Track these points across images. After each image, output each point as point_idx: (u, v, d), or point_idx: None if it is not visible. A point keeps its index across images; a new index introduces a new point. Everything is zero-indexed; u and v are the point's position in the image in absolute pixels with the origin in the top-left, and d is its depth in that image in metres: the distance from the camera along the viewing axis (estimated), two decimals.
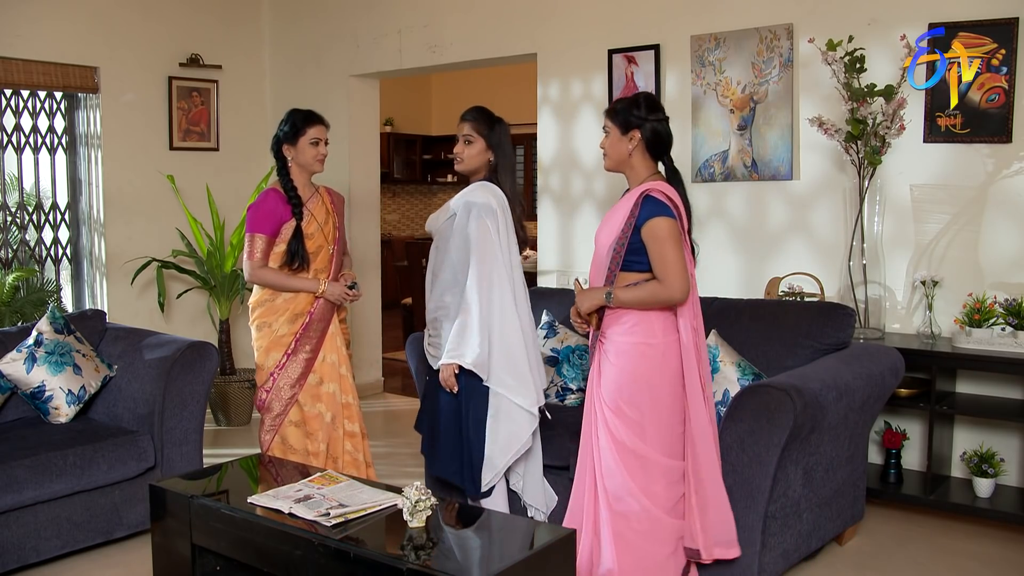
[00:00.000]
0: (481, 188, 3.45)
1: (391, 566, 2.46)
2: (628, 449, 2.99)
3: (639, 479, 2.99)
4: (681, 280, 2.90)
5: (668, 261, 2.90)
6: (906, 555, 3.74)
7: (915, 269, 4.26)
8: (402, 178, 11.78)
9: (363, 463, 3.96)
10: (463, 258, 3.39)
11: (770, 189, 4.67)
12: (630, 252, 2.98)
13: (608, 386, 3.03)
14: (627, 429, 2.99)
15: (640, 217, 2.94)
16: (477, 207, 3.38)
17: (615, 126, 3.07)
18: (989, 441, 4.10)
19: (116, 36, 6.04)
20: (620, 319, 3.01)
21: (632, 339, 2.99)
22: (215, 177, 6.53)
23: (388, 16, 6.20)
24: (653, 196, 2.95)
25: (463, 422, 3.42)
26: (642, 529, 3.00)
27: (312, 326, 3.82)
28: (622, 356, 3.01)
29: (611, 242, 3.00)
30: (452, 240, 3.43)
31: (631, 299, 2.97)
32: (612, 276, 3.01)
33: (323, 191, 3.96)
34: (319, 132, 3.83)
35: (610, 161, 3.11)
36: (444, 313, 3.45)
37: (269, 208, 3.78)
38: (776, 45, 4.56)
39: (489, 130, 3.49)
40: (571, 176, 5.45)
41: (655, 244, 2.92)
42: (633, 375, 2.99)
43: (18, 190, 5.85)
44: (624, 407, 2.99)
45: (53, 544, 3.62)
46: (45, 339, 4.07)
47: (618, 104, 3.10)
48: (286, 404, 3.81)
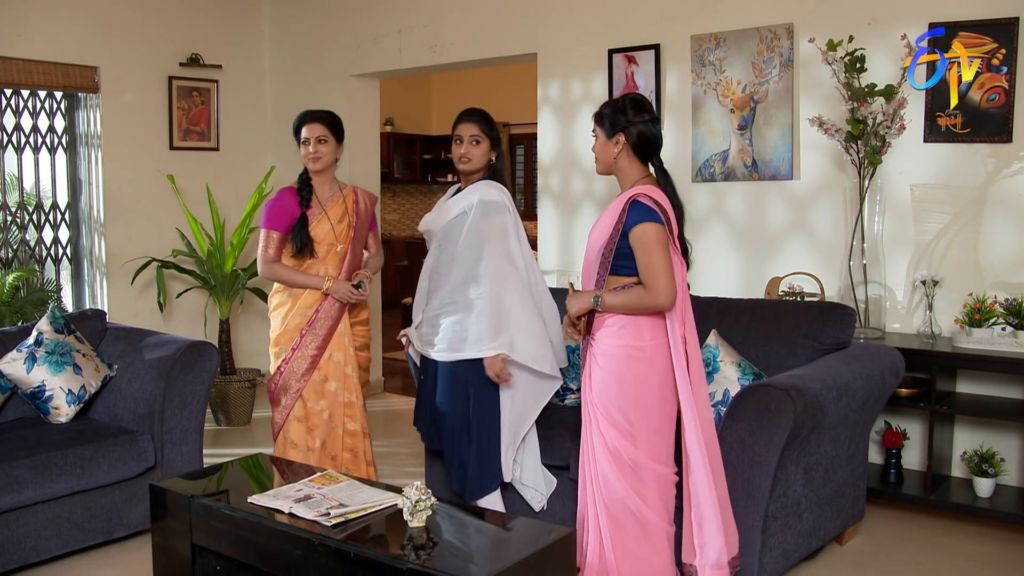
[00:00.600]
0: (490, 186, 3.47)
1: (391, 566, 2.46)
2: (620, 455, 2.97)
3: (633, 484, 2.97)
4: (667, 287, 2.87)
5: (654, 267, 2.87)
6: (906, 555, 3.74)
7: (915, 269, 4.26)
8: (402, 178, 11.77)
9: (364, 461, 3.97)
10: (476, 255, 3.41)
11: (770, 189, 4.67)
12: (618, 256, 2.95)
13: (598, 390, 3.00)
14: (619, 435, 2.97)
15: (627, 222, 2.91)
16: (492, 205, 3.42)
17: (601, 130, 3.05)
18: (989, 441, 4.10)
19: (116, 36, 6.04)
20: (607, 322, 2.99)
21: (619, 342, 2.97)
22: (215, 177, 6.53)
23: (388, 16, 6.20)
24: (640, 201, 2.92)
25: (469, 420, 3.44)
26: (638, 535, 2.98)
27: (318, 322, 3.85)
28: (610, 360, 2.98)
29: (600, 246, 2.98)
30: (463, 239, 3.44)
31: (618, 304, 2.94)
32: (601, 280, 2.99)
33: (349, 191, 4.01)
34: (308, 131, 3.89)
35: (600, 165, 3.10)
36: (451, 310, 3.46)
37: (283, 205, 3.87)
38: (776, 45, 4.56)
39: (491, 129, 3.54)
40: (571, 176, 5.45)
41: (641, 250, 2.90)
42: (621, 379, 2.96)
43: (18, 190, 5.86)
44: (614, 412, 2.97)
45: (53, 544, 3.62)
46: (45, 339, 4.07)
47: (604, 108, 3.07)
48: (291, 398, 3.87)
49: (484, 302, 3.39)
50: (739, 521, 3.10)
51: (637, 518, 2.97)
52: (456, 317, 3.45)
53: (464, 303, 3.44)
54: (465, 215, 3.46)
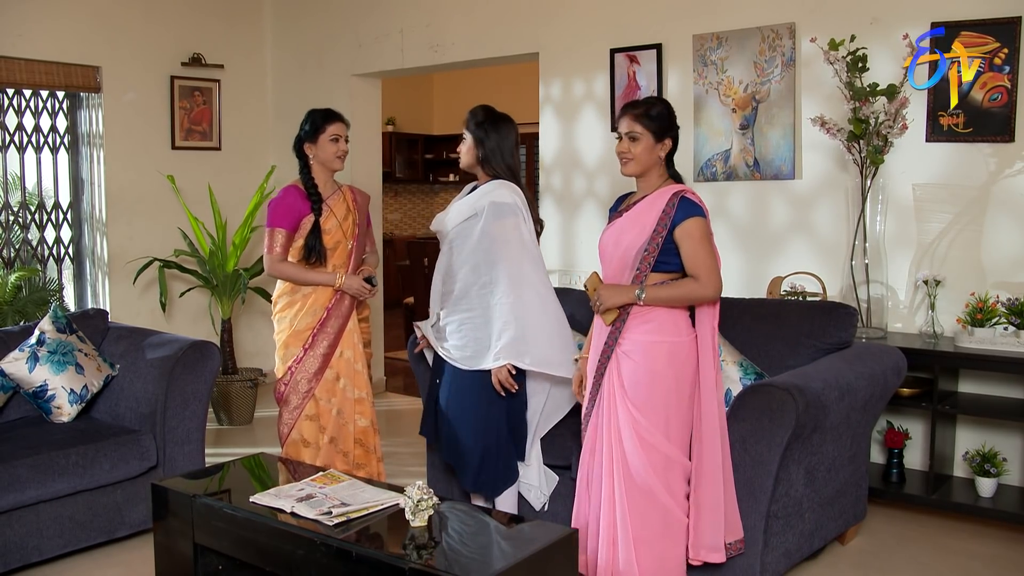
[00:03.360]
0: (502, 187, 3.46)
1: (393, 565, 2.46)
2: (654, 447, 2.97)
3: (663, 477, 2.99)
4: (716, 278, 2.96)
5: (704, 260, 2.94)
6: (908, 555, 3.74)
7: (917, 268, 4.25)
8: (404, 178, 11.77)
9: (375, 457, 3.97)
10: (488, 259, 3.41)
11: (772, 189, 4.67)
12: (662, 252, 2.98)
13: (631, 384, 3.00)
14: (654, 427, 2.98)
15: (676, 217, 2.95)
16: (504, 207, 3.42)
17: (649, 133, 3.01)
18: (991, 441, 4.09)
19: (118, 36, 6.04)
20: (647, 318, 2.99)
21: (659, 338, 2.99)
22: (217, 176, 6.53)
23: (390, 15, 6.20)
24: (688, 197, 2.98)
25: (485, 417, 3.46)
26: (662, 530, 3.00)
27: (330, 321, 3.85)
28: (646, 355, 2.99)
29: (642, 243, 2.98)
30: (476, 240, 3.43)
31: (665, 297, 2.97)
32: (642, 276, 3.00)
33: (346, 189, 4.00)
34: (338, 129, 3.88)
35: (637, 166, 3.05)
36: (469, 317, 3.46)
37: (289, 203, 3.83)
38: (778, 44, 4.56)
39: (472, 124, 3.52)
40: (573, 176, 5.45)
41: (691, 243, 2.94)
42: (660, 374, 2.98)
43: (20, 189, 5.86)
44: (652, 406, 2.98)
45: (55, 543, 3.62)
46: (47, 338, 4.07)
47: (651, 110, 3.03)
48: (303, 397, 3.85)
49: (503, 309, 3.39)
50: (741, 520, 3.10)
51: (663, 513, 2.99)
52: (475, 324, 3.44)
53: (482, 309, 3.43)
54: (476, 218, 3.44)
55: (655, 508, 2.99)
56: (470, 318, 3.46)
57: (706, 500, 3.00)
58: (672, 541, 3.02)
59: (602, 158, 5.27)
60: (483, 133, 3.50)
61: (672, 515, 3.01)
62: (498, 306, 3.40)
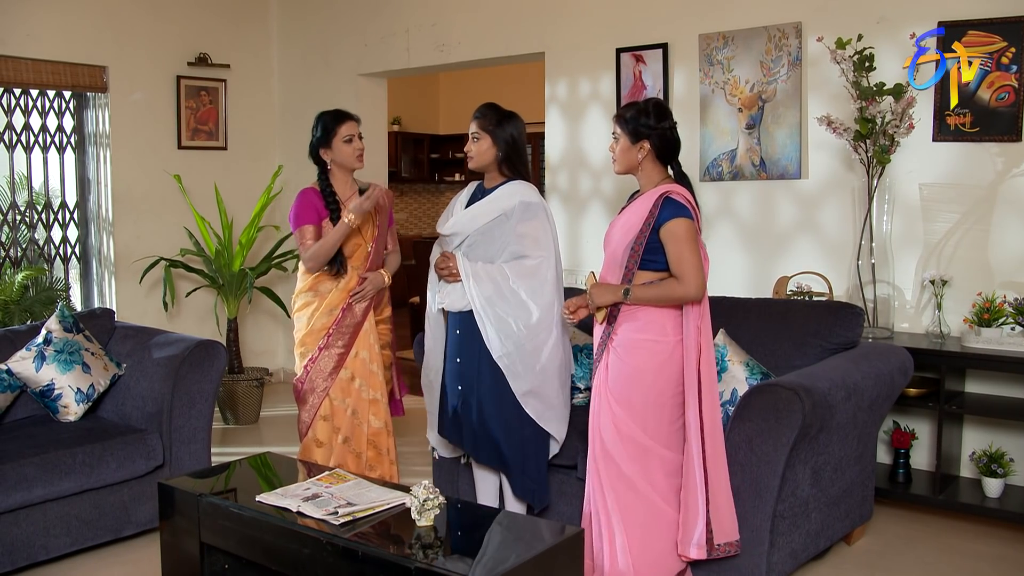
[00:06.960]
0: (528, 188, 3.47)
1: (399, 565, 2.46)
2: (630, 438, 3.06)
3: (642, 467, 3.07)
4: (698, 279, 2.98)
5: (686, 260, 2.98)
6: (915, 555, 3.73)
7: (924, 268, 4.25)
8: (410, 177, 11.78)
9: (387, 459, 3.96)
10: (525, 252, 3.41)
11: (778, 188, 4.66)
12: (647, 251, 3.04)
13: (618, 380, 3.08)
14: (631, 420, 3.06)
15: (660, 218, 3.01)
16: (534, 207, 3.43)
17: (624, 134, 3.11)
18: (998, 441, 4.08)
19: (125, 35, 6.05)
20: (634, 316, 3.07)
21: (644, 336, 3.06)
22: (223, 176, 6.54)
23: (396, 15, 6.21)
24: (673, 198, 3.02)
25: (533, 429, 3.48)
26: (644, 518, 3.07)
27: (345, 320, 3.84)
28: (631, 351, 3.07)
29: (629, 241, 3.06)
30: (502, 241, 3.43)
31: (649, 296, 3.03)
32: (630, 274, 3.08)
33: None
34: (351, 128, 3.86)
35: (619, 166, 3.18)
36: (505, 308, 3.43)
37: (308, 201, 3.84)
38: (784, 44, 4.55)
39: (490, 123, 3.49)
40: (579, 175, 5.45)
41: (674, 244, 2.99)
42: (641, 369, 3.06)
43: (27, 189, 5.87)
44: (628, 399, 3.06)
45: (62, 542, 3.63)
46: (54, 338, 4.08)
47: (628, 112, 3.12)
48: (319, 396, 3.86)
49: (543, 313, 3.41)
50: (747, 520, 3.11)
51: (647, 504, 3.06)
52: (517, 314, 3.41)
53: (518, 304, 3.40)
54: (504, 217, 3.43)
55: (638, 499, 3.07)
56: (507, 309, 3.41)
57: (689, 497, 3.05)
58: (659, 533, 3.07)
59: (608, 158, 5.25)
60: (504, 133, 3.48)
61: (655, 507, 3.07)
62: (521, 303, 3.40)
